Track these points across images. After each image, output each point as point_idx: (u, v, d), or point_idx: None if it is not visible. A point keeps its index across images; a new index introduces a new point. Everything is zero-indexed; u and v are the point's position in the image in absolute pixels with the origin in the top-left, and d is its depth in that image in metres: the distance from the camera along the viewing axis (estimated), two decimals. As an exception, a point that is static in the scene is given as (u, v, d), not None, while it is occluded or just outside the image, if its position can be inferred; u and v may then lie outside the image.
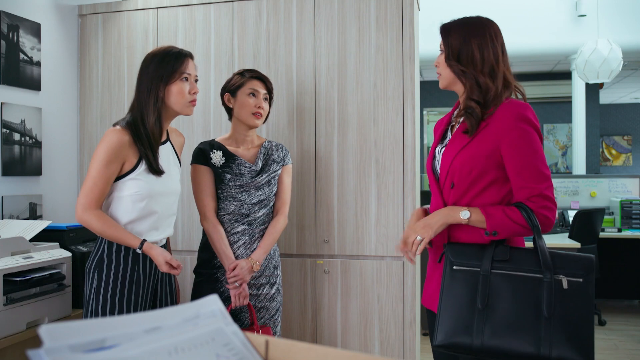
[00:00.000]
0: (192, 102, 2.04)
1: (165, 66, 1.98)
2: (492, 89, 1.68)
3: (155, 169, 1.96)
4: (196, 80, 2.06)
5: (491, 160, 1.65)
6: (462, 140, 1.70)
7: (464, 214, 1.63)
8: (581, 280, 1.53)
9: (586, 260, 1.55)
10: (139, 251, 1.93)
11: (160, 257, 1.93)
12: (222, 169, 2.27)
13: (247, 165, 2.29)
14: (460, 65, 1.70)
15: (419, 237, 1.66)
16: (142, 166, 1.94)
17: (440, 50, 1.78)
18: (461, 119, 1.75)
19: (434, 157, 1.82)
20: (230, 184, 2.26)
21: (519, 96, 1.74)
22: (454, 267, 1.61)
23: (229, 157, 2.29)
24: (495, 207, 1.63)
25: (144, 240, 1.93)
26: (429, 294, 1.80)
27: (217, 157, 2.27)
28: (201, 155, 2.29)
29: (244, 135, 2.35)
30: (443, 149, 1.78)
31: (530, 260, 1.58)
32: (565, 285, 1.53)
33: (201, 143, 2.35)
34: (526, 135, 1.62)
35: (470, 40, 1.70)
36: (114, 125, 1.96)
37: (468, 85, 1.70)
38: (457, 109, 1.82)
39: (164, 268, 1.94)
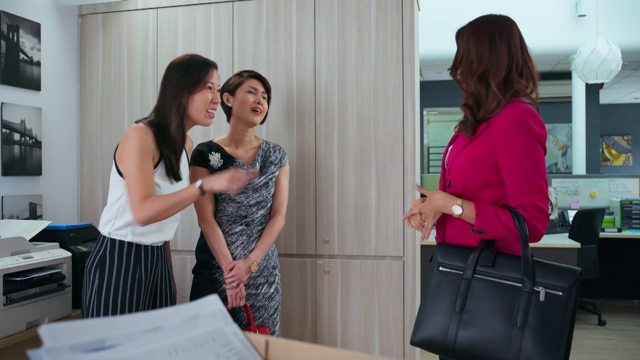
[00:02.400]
0: (210, 114, 2.04)
1: (190, 75, 1.99)
2: (482, 93, 1.66)
3: (175, 174, 1.97)
4: (218, 90, 2.08)
5: (486, 163, 1.63)
6: (464, 141, 1.71)
7: (456, 209, 1.63)
8: (561, 294, 1.50)
9: (571, 274, 1.52)
10: (204, 190, 1.87)
11: (223, 180, 1.86)
12: (220, 171, 2.27)
13: (245, 168, 2.30)
14: (458, 74, 1.72)
15: (425, 224, 1.71)
16: (160, 168, 1.95)
17: None
18: None
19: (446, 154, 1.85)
20: None
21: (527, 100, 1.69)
22: (440, 269, 1.65)
23: (227, 159, 2.29)
24: (489, 207, 1.61)
25: (200, 182, 1.89)
26: None
27: (215, 159, 2.28)
28: (199, 157, 2.30)
29: (242, 136, 2.35)
30: (451, 148, 1.81)
31: (515, 268, 1.57)
32: (542, 297, 1.51)
33: (199, 145, 2.36)
34: (523, 142, 1.57)
35: (469, 44, 1.68)
36: (137, 122, 1.97)
37: (464, 92, 1.73)
38: None
39: (231, 186, 1.86)
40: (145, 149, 1.89)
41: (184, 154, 2.09)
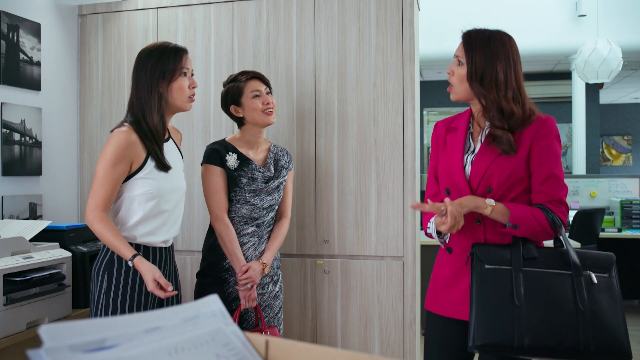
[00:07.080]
0: (191, 98, 2.04)
1: (165, 63, 1.97)
2: (518, 113, 1.69)
3: (164, 164, 1.95)
4: (192, 74, 2.06)
5: (526, 167, 1.71)
6: (493, 150, 1.72)
7: (488, 201, 1.67)
8: (606, 275, 1.61)
9: (608, 257, 1.64)
10: (130, 264, 1.88)
11: (148, 274, 1.85)
12: (237, 173, 2.26)
13: (261, 171, 2.30)
14: (482, 88, 1.70)
15: (444, 227, 1.63)
16: (151, 163, 1.94)
17: (459, 61, 1.76)
18: (484, 133, 1.77)
19: (463, 164, 1.78)
20: (245, 189, 2.26)
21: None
22: (486, 266, 1.63)
23: (243, 160, 2.29)
24: (519, 204, 1.69)
25: (137, 254, 1.88)
26: (452, 301, 1.76)
27: (232, 160, 2.26)
28: (216, 156, 2.27)
29: (256, 138, 2.34)
30: (472, 158, 1.77)
31: (556, 258, 1.64)
32: (594, 280, 1.59)
33: (214, 143, 2.34)
34: (553, 147, 1.71)
35: (495, 63, 1.70)
36: (116, 128, 1.95)
37: (489, 110, 1.71)
38: (471, 116, 1.83)
39: (150, 286, 1.85)
40: (120, 156, 1.87)
41: (170, 144, 2.06)
